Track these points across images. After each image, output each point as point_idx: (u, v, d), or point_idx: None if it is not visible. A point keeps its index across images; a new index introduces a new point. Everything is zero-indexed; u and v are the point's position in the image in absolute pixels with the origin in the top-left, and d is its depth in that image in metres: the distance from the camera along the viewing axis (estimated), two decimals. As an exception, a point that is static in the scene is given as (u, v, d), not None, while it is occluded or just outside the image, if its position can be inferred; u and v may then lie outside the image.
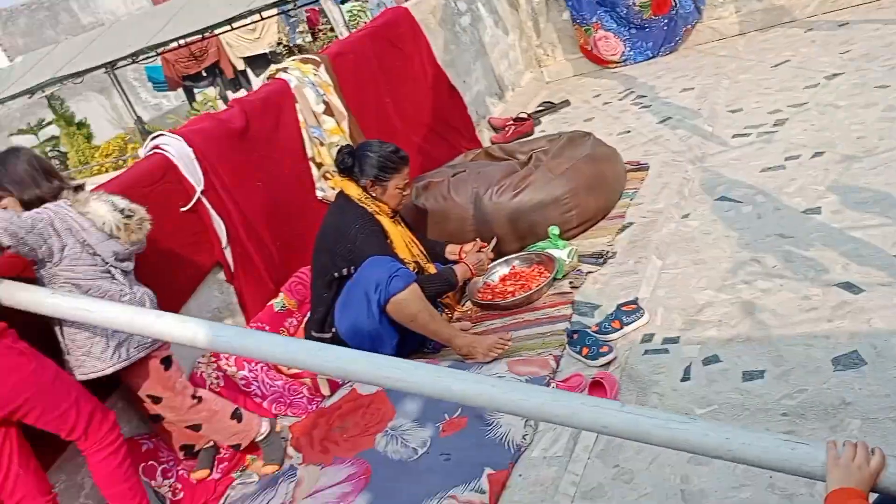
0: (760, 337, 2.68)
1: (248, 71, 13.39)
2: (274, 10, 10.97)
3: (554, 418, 1.89)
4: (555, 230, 3.63)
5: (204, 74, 13.38)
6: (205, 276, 3.41)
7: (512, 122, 5.78)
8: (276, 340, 2.27)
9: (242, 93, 12.34)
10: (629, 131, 5.07)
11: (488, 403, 1.98)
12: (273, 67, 4.29)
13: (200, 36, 10.80)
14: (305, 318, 3.57)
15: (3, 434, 2.29)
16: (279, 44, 12.37)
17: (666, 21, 6.32)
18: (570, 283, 3.45)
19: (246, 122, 3.72)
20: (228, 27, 10.63)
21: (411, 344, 3.28)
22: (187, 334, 2.28)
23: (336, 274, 3.25)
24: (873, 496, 1.45)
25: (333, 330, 3.26)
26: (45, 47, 11.79)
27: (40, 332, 2.51)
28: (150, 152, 3.33)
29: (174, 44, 11.10)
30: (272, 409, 3.21)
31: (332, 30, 10.55)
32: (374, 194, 3.31)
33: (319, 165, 4.09)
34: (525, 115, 5.84)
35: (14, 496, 2.31)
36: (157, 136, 3.39)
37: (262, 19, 11.53)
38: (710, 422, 1.75)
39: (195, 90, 13.62)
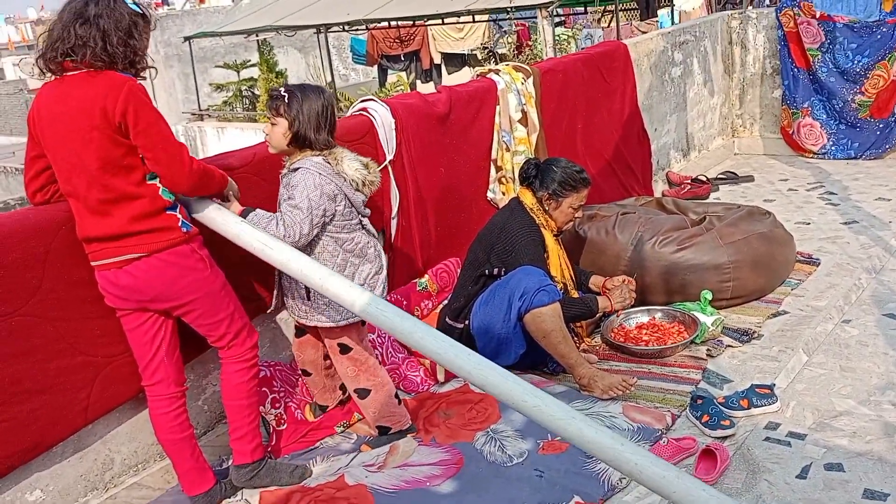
0: (894, 462, 2.56)
1: (443, 66, 13.82)
2: (487, 16, 11.26)
3: (670, 495, 1.90)
4: (707, 295, 3.58)
5: (402, 59, 13.94)
6: (367, 238, 3.62)
7: (690, 181, 5.72)
8: (428, 332, 2.32)
9: (431, 86, 12.76)
10: (809, 223, 4.89)
11: (614, 462, 2.00)
12: (486, 67, 4.47)
13: (412, 22, 11.29)
14: (441, 304, 3.71)
15: (161, 322, 2.52)
16: (483, 47, 12.70)
17: (882, 125, 6.03)
18: (708, 350, 3.40)
19: (449, 109, 3.91)
20: (440, 21, 11.05)
21: (533, 358, 3.34)
22: (348, 298, 2.40)
23: (487, 271, 3.37)
24: None
25: (466, 322, 3.37)
26: (270, -5, 12.68)
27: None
28: (357, 112, 3.58)
29: (385, 23, 11.65)
30: (386, 377, 3.35)
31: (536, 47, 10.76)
32: (547, 208, 3.41)
33: (499, 169, 4.23)
34: (704, 179, 5.76)
35: (154, 377, 2.55)
36: (367, 99, 3.64)
37: (474, 21, 11.89)
38: None
39: (389, 71, 14.21)
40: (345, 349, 2.86)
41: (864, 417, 2.82)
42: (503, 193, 4.22)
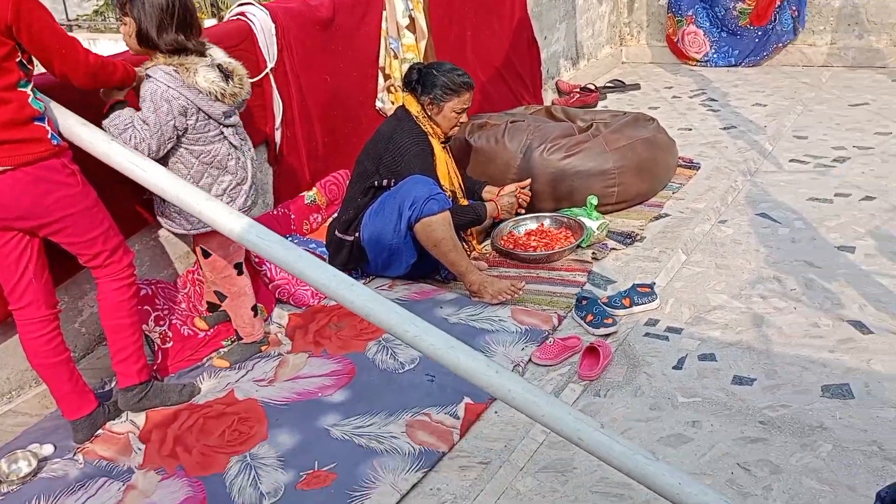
0: (761, 349, 2.73)
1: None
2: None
3: (539, 417, 1.99)
4: (593, 200, 3.65)
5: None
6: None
7: (579, 90, 5.76)
8: (307, 259, 2.28)
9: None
10: (690, 129, 5.04)
11: (475, 379, 2.06)
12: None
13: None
14: (331, 217, 3.65)
15: (26, 243, 2.37)
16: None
17: (760, 33, 6.21)
18: (593, 253, 3.49)
19: (333, 13, 3.74)
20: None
21: (425, 268, 3.35)
22: (226, 224, 2.35)
23: (376, 182, 3.31)
24: None
25: (357, 235, 3.33)
26: None
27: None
28: (235, 17, 3.38)
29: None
30: (276, 293, 3.30)
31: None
32: (430, 113, 3.35)
33: (387, 77, 4.12)
34: (592, 87, 5.81)
35: (22, 300, 2.41)
36: (245, 3, 3.43)
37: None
38: (670, 466, 1.86)
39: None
40: (206, 254, 2.84)
41: (736, 310, 2.99)
42: (392, 102, 4.13)
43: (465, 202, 3.54)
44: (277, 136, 3.55)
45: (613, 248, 3.55)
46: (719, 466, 2.20)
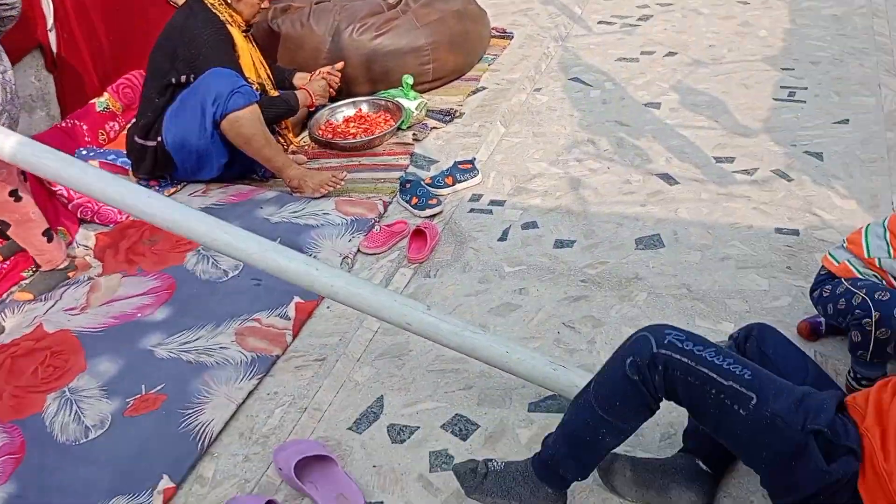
0: (579, 211, 2.81)
1: None
2: None
3: (366, 308, 1.96)
4: (408, 79, 3.56)
5: None
6: (20, 58, 3.08)
7: (388, -35, 5.51)
8: (92, 173, 2.09)
9: None
10: (502, -2, 4.99)
11: (296, 280, 2.00)
12: None
13: None
14: (129, 123, 3.35)
15: None
16: None
17: None
18: (414, 134, 3.43)
19: None
20: None
21: (240, 168, 3.17)
22: None
23: (174, 80, 3.04)
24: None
25: (159, 139, 3.07)
26: None
27: None
28: None
29: None
30: (78, 213, 3.02)
31: None
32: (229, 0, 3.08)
33: (170, -39, 3.74)
34: (402, -39, 5.58)
35: None
36: None
37: None
38: (496, 336, 1.90)
39: None
40: None
41: (554, 176, 3.05)
42: (182, -9, 3.77)
43: (275, 93, 3.34)
44: (52, 38, 3.17)
45: (434, 127, 3.50)
46: (546, 328, 2.28)
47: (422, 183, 3.01)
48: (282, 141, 3.41)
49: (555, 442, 1.62)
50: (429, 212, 2.89)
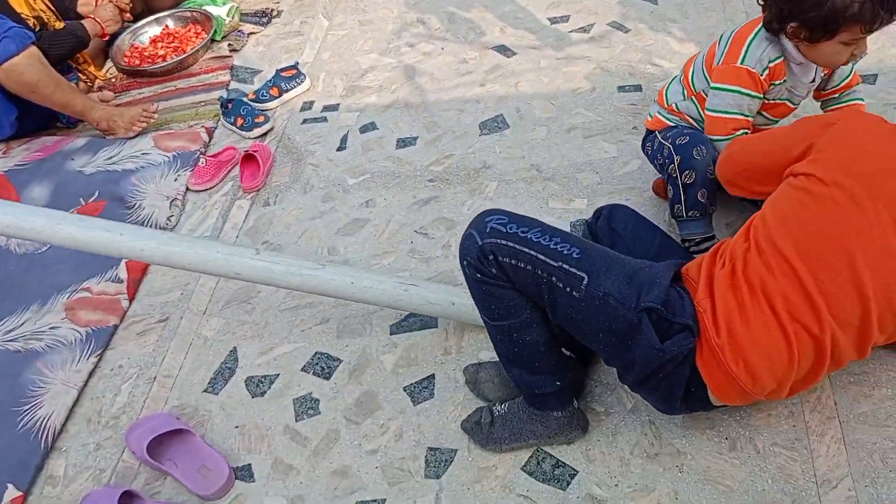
0: (417, 103, 2.62)
1: None
2: None
3: (187, 265, 1.74)
4: (212, -17, 3.19)
5: None
6: None
7: None
8: None
9: None
10: None
11: (100, 251, 1.76)
12: None
13: None
14: None
15: None
16: None
17: None
18: (230, 45, 3.10)
19: None
20: None
21: (37, 118, 2.80)
22: None
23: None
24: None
25: (-70, 103, 2.65)
26: None
27: None
28: None
29: None
30: None
31: None
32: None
33: None
34: None
35: None
36: None
37: None
38: (337, 267, 1.74)
39: None
40: None
41: (387, 67, 2.83)
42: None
43: (59, 25, 2.92)
44: None
45: (251, 33, 3.18)
46: (398, 239, 2.13)
47: (245, 100, 2.73)
48: (84, 78, 3.03)
49: (509, 371, 1.52)
50: (257, 131, 2.63)
